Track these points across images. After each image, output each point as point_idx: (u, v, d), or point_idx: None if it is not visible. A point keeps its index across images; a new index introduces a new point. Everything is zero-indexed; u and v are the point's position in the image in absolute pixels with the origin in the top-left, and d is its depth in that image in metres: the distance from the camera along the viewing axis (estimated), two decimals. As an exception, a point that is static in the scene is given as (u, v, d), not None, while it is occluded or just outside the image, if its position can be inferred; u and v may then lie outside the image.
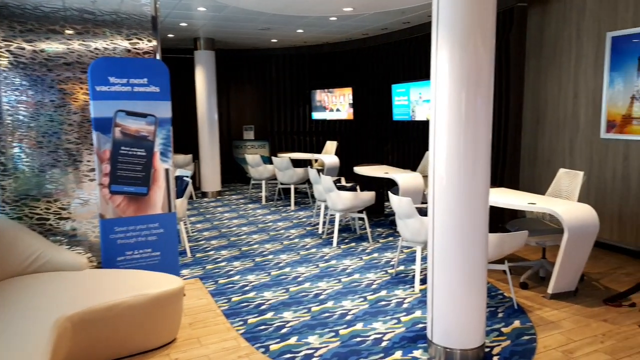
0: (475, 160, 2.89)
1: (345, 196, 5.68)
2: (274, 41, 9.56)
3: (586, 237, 3.90)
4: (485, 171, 2.94)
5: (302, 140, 10.87)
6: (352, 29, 8.25)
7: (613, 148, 5.28)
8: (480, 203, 2.96)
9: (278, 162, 7.95)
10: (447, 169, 2.94)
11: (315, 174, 6.27)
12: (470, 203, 2.92)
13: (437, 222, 3.02)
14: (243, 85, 11.07)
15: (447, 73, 2.88)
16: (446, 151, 2.93)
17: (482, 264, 3.02)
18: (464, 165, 2.89)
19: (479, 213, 2.96)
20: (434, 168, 3.02)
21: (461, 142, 2.88)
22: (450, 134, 2.92)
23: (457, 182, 2.91)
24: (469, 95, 2.85)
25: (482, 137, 2.89)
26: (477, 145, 2.88)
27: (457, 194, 2.92)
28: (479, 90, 2.86)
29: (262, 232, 6.51)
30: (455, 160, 2.91)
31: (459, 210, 2.93)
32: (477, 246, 2.98)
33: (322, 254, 5.49)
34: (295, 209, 7.96)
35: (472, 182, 2.90)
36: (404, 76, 8.43)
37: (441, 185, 2.97)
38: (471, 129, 2.88)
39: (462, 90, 2.86)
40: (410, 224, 4.31)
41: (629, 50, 5.04)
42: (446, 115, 2.93)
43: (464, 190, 2.90)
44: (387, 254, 5.46)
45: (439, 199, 2.99)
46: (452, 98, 2.89)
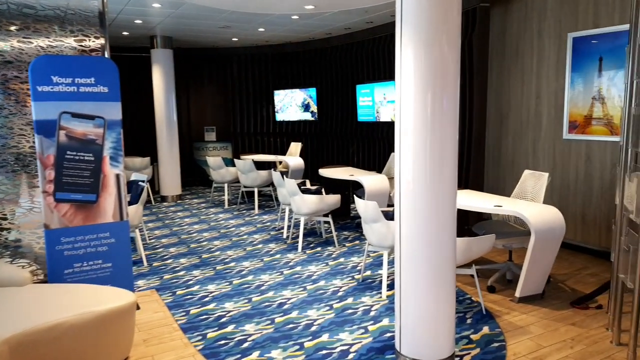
0: (442, 162, 2.78)
1: (310, 200, 5.51)
2: (235, 40, 9.30)
3: (553, 240, 3.86)
4: (453, 173, 2.84)
5: (266, 142, 10.65)
6: (315, 28, 8.10)
7: (575, 149, 5.30)
8: (448, 206, 2.85)
9: (241, 165, 7.71)
10: (414, 171, 2.82)
11: (279, 177, 6.08)
12: (438, 206, 2.81)
13: (404, 226, 2.89)
14: (203, 85, 10.75)
15: (412, 73, 2.76)
16: (412, 153, 2.81)
17: (451, 269, 2.91)
18: (431, 167, 2.77)
19: (447, 216, 2.85)
20: (400, 170, 2.89)
21: (428, 144, 2.76)
22: (416, 135, 2.79)
23: (424, 185, 2.80)
24: (435, 96, 2.74)
25: (449, 138, 2.78)
26: (444, 147, 2.77)
27: (424, 197, 2.80)
28: (445, 90, 2.75)
29: (224, 238, 6.27)
30: (422, 162, 2.79)
31: (427, 213, 2.81)
32: (445, 251, 2.87)
33: (287, 260, 5.31)
34: (259, 213, 7.74)
35: (439, 185, 2.79)
36: (368, 76, 8.34)
37: (408, 188, 2.85)
38: (438, 129, 2.76)
39: (427, 91, 2.75)
40: (377, 229, 4.18)
41: (590, 51, 5.07)
42: (412, 117, 2.81)
43: (431, 193, 2.79)
44: (353, 258, 5.32)
45: (406, 202, 2.86)
46: (417, 99, 2.77)
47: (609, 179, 5.00)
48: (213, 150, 10.60)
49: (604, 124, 5.01)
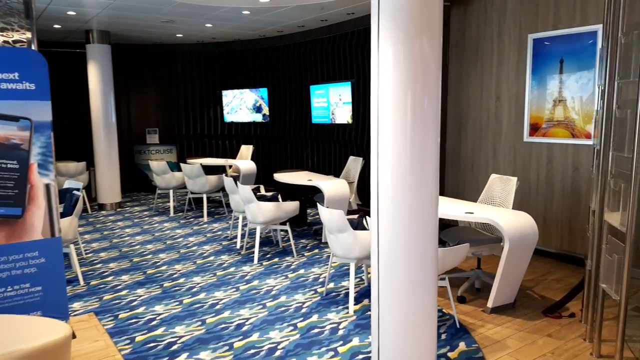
0: (424, 166, 2.53)
1: (267, 207, 5.14)
2: (179, 36, 8.76)
3: (526, 248, 3.71)
4: (435, 177, 2.59)
5: (214, 145, 10.13)
6: (267, 25, 7.73)
7: (536, 152, 5.24)
8: (430, 212, 2.60)
9: (188, 170, 7.20)
10: (393, 175, 2.55)
11: (232, 183, 5.66)
12: (420, 213, 2.56)
13: (383, 235, 2.62)
14: (145, 84, 10.09)
15: (391, 71, 2.49)
16: (392, 156, 2.54)
17: (433, 281, 2.67)
18: (412, 171, 2.52)
19: (429, 224, 2.60)
20: (378, 175, 2.61)
21: (408, 146, 2.50)
22: (396, 137, 2.52)
23: (404, 190, 2.54)
24: (416, 95, 2.48)
25: (430, 140, 2.53)
26: (425, 149, 2.53)
27: (404, 203, 2.55)
28: (427, 89, 2.50)
29: (170, 250, 5.77)
30: (402, 166, 2.53)
31: (407, 221, 2.56)
32: (427, 261, 2.62)
33: (243, 273, 4.91)
34: (208, 221, 7.26)
35: (420, 190, 2.55)
36: (322, 77, 8.05)
37: (386, 194, 2.58)
38: (419, 131, 2.50)
39: (407, 90, 2.48)
40: (343, 239, 3.87)
41: (551, 52, 5.01)
42: (391, 117, 2.53)
43: (412, 198, 2.54)
44: (314, 269, 5.00)
45: (384, 209, 2.59)
46: (397, 98, 2.50)
47: (571, 182, 4.95)
48: (156, 153, 9.96)
49: (565, 126, 4.96)
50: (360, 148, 7.25)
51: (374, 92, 2.60)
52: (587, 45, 4.68)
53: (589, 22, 4.66)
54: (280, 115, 9.09)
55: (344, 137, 7.68)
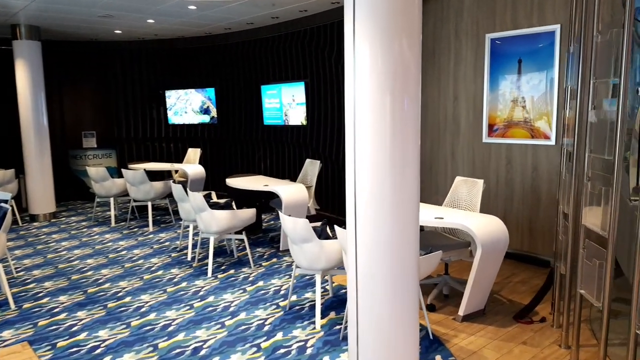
0: (404, 169, 2.39)
1: (221, 216, 4.79)
2: (118, 32, 8.18)
3: (498, 253, 3.60)
4: (415, 181, 2.43)
5: (157, 148, 9.57)
6: (214, 22, 7.33)
7: (496, 152, 5.20)
8: (411, 220, 2.42)
9: (130, 176, 6.69)
10: (372, 180, 2.37)
11: (181, 190, 5.26)
12: (401, 220, 2.41)
13: (362, 246, 2.43)
14: (81, 84, 9.39)
15: (369, 72, 2.29)
16: (370, 160, 2.35)
17: (415, 290, 2.50)
18: (392, 175, 2.36)
19: (410, 232, 2.43)
20: (355, 180, 2.40)
21: (387, 150, 2.34)
22: (374, 140, 2.33)
23: (384, 195, 2.37)
24: (395, 97, 2.29)
25: (411, 143, 2.37)
26: (405, 152, 2.38)
27: (384, 209, 2.37)
28: (407, 90, 2.32)
29: (114, 265, 5.29)
30: (381, 170, 2.36)
31: (389, 229, 2.39)
32: (409, 270, 2.46)
33: (196, 288, 4.54)
34: (154, 231, 6.78)
35: (401, 195, 2.39)
36: (274, 76, 7.74)
37: (365, 200, 2.38)
38: (399, 133, 2.33)
39: (386, 91, 2.28)
40: (308, 250, 3.61)
41: (509, 52, 4.97)
42: (370, 121, 2.33)
43: (392, 204, 2.38)
44: (274, 280, 4.71)
45: (363, 216, 2.39)
46: (375, 100, 2.30)
47: (530, 183, 4.94)
48: (94, 158, 9.29)
49: (524, 127, 4.93)
50: (316, 150, 7.02)
51: (349, 95, 2.39)
52: (545, 45, 4.67)
53: (547, 22, 4.65)
54: (229, 116, 8.70)
55: (298, 139, 7.42)
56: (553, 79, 4.64)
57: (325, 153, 6.74)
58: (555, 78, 4.62)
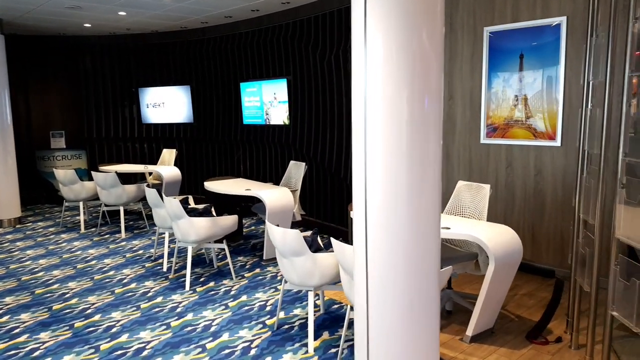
0: (424, 174, 2.06)
1: (200, 224, 4.36)
2: (87, 26, 7.64)
3: (511, 267, 3.27)
4: (436, 186, 2.08)
5: (130, 149, 9.03)
6: (190, 14, 6.87)
7: (495, 154, 4.89)
8: (431, 228, 2.08)
9: (101, 179, 6.19)
10: (387, 187, 2.02)
11: (156, 196, 4.81)
12: (420, 229, 2.06)
13: (373, 258, 2.08)
14: (48, 81, 8.78)
15: (382, 70, 1.96)
16: (384, 165, 2.02)
17: (436, 311, 2.16)
18: (409, 182, 2.03)
19: (430, 242, 2.10)
20: (366, 188, 2.05)
21: (404, 153, 1.99)
22: (389, 143, 1.98)
23: (400, 204, 2.05)
24: (414, 95, 1.94)
25: (432, 145, 2.04)
26: (425, 155, 2.07)
27: (401, 218, 2.07)
28: (428, 88, 1.97)
29: (82, 277, 4.81)
30: (397, 176, 2.01)
31: (405, 239, 2.08)
32: (429, 287, 2.12)
33: (173, 304, 4.10)
34: (127, 237, 6.29)
35: (420, 202, 2.05)
36: (254, 73, 7.31)
37: (378, 209, 2.05)
38: (419, 135, 1.98)
39: (404, 90, 1.95)
40: (300, 264, 3.22)
41: (509, 47, 4.66)
42: (385, 123, 1.98)
43: (410, 213, 2.07)
44: (258, 294, 4.30)
45: (376, 226, 2.07)
46: (393, 100, 1.96)
47: (533, 187, 4.64)
48: (62, 160, 8.72)
49: (526, 127, 4.63)
50: (300, 151, 6.62)
51: (358, 93, 2.02)
52: (550, 39, 4.37)
53: (551, 14, 4.35)
54: (207, 115, 8.22)
55: (280, 139, 7.00)
56: (558, 75, 4.35)
57: (310, 154, 6.35)
58: (561, 74, 4.32)
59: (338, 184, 6.03)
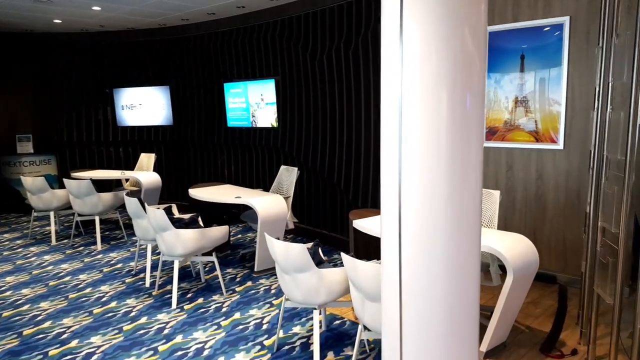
0: (464, 182, 1.82)
1: (188, 236, 4.04)
2: (57, 22, 7.19)
3: (528, 278, 3.08)
4: (477, 195, 1.85)
5: (105, 153, 8.58)
6: (169, 11, 6.52)
7: (495, 157, 4.72)
8: (472, 240, 1.86)
9: (74, 186, 5.78)
10: (423, 196, 1.79)
11: (137, 205, 4.46)
12: (460, 244, 1.87)
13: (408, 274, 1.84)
14: (15, 81, 8.26)
15: (426, 69, 1.72)
16: (419, 171, 1.79)
17: (475, 334, 1.92)
18: (448, 190, 1.79)
19: (471, 256, 1.88)
20: (401, 197, 1.82)
21: (442, 159, 1.78)
22: (426, 146, 1.75)
23: (438, 214, 1.81)
24: (455, 94, 1.72)
25: (473, 150, 1.81)
26: (466, 161, 1.84)
27: (439, 230, 1.85)
28: (470, 86, 1.74)
29: (55, 295, 4.42)
30: (434, 184, 1.80)
31: (443, 253, 1.86)
32: (470, 305, 1.89)
33: (159, 324, 3.77)
34: (103, 249, 5.89)
35: (460, 211, 1.83)
36: (239, 73, 6.99)
37: (413, 220, 1.82)
38: (460, 140, 1.76)
39: (442, 91, 1.73)
40: (304, 281, 2.95)
41: (510, 48, 4.50)
42: (423, 126, 1.73)
43: (448, 224, 1.85)
44: (252, 310, 4.00)
45: (410, 238, 1.82)
46: (431, 102, 1.72)
47: (535, 191, 4.48)
48: (30, 165, 8.21)
49: (528, 129, 4.47)
50: (289, 155, 6.34)
51: (393, 95, 1.79)
52: (552, 39, 4.22)
53: (553, 13, 4.20)
54: (187, 117, 7.86)
55: (267, 142, 6.71)
56: (561, 77, 4.19)
57: (300, 158, 6.08)
58: (564, 76, 4.17)
59: (331, 190, 5.78)
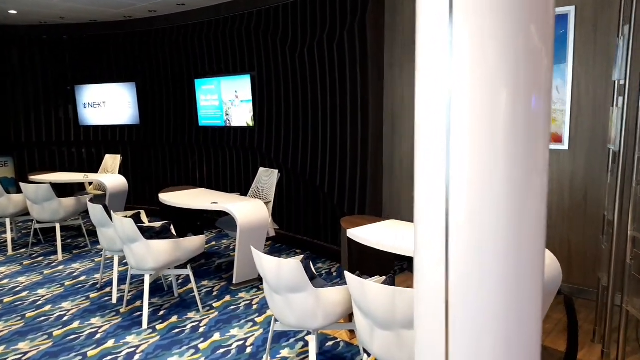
0: (527, 191, 1.50)
1: (160, 248, 3.61)
2: (12, 14, 6.59)
3: (551, 294, 2.79)
4: (542, 204, 1.52)
5: (66, 154, 7.97)
6: (135, 2, 6.03)
7: (491, 158, 4.43)
8: (535, 259, 1.53)
9: (32, 191, 5.24)
10: (479, 206, 1.44)
11: (102, 213, 3.99)
12: (521, 260, 1.52)
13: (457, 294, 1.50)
14: (-36, 76, 7.59)
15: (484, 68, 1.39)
16: (470, 176, 1.46)
17: None
18: (509, 199, 1.47)
19: (533, 278, 1.55)
20: (448, 205, 1.49)
21: (500, 162, 1.44)
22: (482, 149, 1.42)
23: (495, 226, 1.48)
24: (518, 93, 1.40)
25: (540, 152, 1.47)
26: (531, 166, 1.49)
27: (497, 245, 1.50)
28: (537, 84, 1.43)
29: (10, 314, 3.91)
30: (491, 192, 1.47)
31: (501, 273, 1.51)
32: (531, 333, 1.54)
33: (129, 349, 3.32)
34: (64, 260, 5.36)
35: (522, 224, 1.50)
36: (211, 68, 6.54)
37: (465, 233, 1.48)
38: (524, 144, 1.44)
39: (502, 90, 1.41)
40: (298, 302, 2.58)
41: (507, 41, 4.22)
42: (473, 124, 1.39)
43: (507, 239, 1.50)
44: (233, 330, 3.60)
45: (460, 253, 1.49)
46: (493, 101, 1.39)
47: (534, 194, 4.22)
48: (-16, 167, 7.56)
49: (527, 128, 4.21)
50: (267, 156, 5.93)
51: (440, 93, 1.45)
52: (556, 32, 3.95)
53: (557, 3, 3.93)
54: (155, 116, 7.35)
55: (243, 143, 6.28)
56: (566, 73, 3.94)
57: (279, 160, 5.68)
58: (569, 71, 3.92)
59: (313, 193, 5.41)
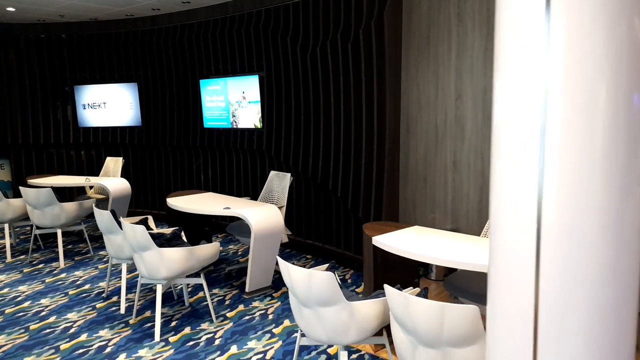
0: (627, 194, 1.33)
1: (173, 256, 3.43)
2: (10, 10, 6.38)
3: None
4: None
5: (65, 157, 7.75)
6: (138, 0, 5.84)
7: (512, 161, 4.29)
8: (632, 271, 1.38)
9: (32, 196, 5.04)
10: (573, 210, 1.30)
11: (110, 220, 3.81)
12: (616, 273, 1.37)
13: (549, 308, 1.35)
14: (-41, 76, 7.36)
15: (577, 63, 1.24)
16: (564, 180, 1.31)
17: None
18: (605, 204, 1.31)
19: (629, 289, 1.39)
20: (541, 209, 1.35)
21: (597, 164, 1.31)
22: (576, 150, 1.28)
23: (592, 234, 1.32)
24: (618, 91, 1.26)
25: None
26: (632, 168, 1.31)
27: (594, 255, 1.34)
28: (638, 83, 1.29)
29: (13, 326, 3.72)
30: (587, 197, 1.32)
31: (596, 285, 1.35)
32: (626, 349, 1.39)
33: (142, 365, 3.15)
34: (67, 267, 5.16)
35: (619, 231, 1.35)
36: (217, 68, 6.36)
37: (557, 244, 1.33)
38: (623, 145, 1.28)
39: (601, 86, 1.26)
40: (330, 316, 2.41)
41: (531, 40, 4.07)
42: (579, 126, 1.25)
43: (606, 248, 1.34)
44: (250, 342, 3.42)
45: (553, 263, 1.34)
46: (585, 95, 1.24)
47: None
48: (-20, 170, 7.33)
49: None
50: (276, 159, 5.76)
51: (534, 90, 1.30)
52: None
53: None
54: (158, 118, 7.15)
55: (250, 145, 6.10)
56: (592, 73, 3.80)
57: (289, 162, 5.51)
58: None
59: (325, 197, 5.25)
